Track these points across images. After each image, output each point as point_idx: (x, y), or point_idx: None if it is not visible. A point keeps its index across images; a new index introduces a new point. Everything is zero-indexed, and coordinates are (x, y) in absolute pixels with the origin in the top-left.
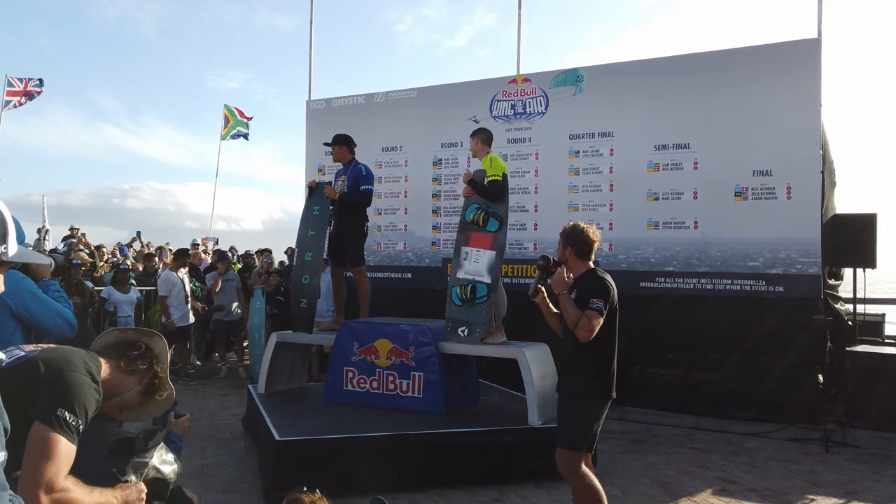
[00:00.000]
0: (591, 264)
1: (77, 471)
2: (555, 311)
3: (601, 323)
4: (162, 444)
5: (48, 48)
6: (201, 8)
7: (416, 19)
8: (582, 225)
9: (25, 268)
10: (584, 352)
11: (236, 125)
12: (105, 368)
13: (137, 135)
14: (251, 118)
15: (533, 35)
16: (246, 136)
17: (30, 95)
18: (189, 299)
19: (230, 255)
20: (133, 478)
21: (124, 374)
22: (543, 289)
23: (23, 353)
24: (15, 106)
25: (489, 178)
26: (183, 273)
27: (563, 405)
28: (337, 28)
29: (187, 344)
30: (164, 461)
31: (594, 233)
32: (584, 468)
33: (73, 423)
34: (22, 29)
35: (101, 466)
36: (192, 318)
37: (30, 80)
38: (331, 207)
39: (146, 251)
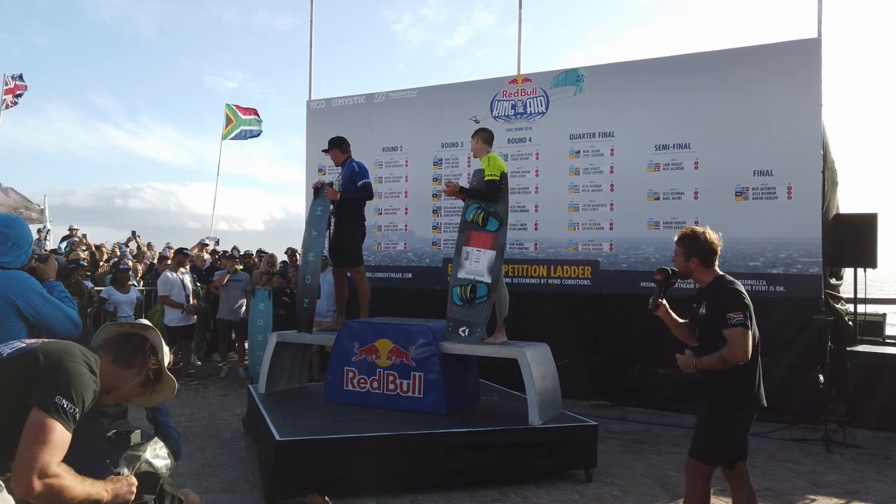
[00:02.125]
0: (718, 270)
1: (75, 461)
2: (679, 321)
3: (749, 335)
4: (156, 438)
5: (46, 48)
6: (199, 8)
7: (415, 19)
8: (700, 230)
9: (32, 269)
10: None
11: (240, 124)
12: (103, 363)
13: (137, 135)
14: (257, 114)
15: (532, 35)
16: (257, 134)
17: (19, 94)
18: (190, 299)
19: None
20: (125, 470)
21: (122, 369)
22: (664, 302)
23: (23, 345)
24: (7, 105)
25: (486, 178)
26: (183, 273)
27: (701, 415)
28: (335, 27)
29: (189, 344)
30: (157, 455)
31: (715, 235)
32: (705, 483)
33: (70, 411)
34: (20, 29)
35: (99, 457)
36: (193, 318)
37: (13, 76)
38: (331, 208)
39: (147, 252)
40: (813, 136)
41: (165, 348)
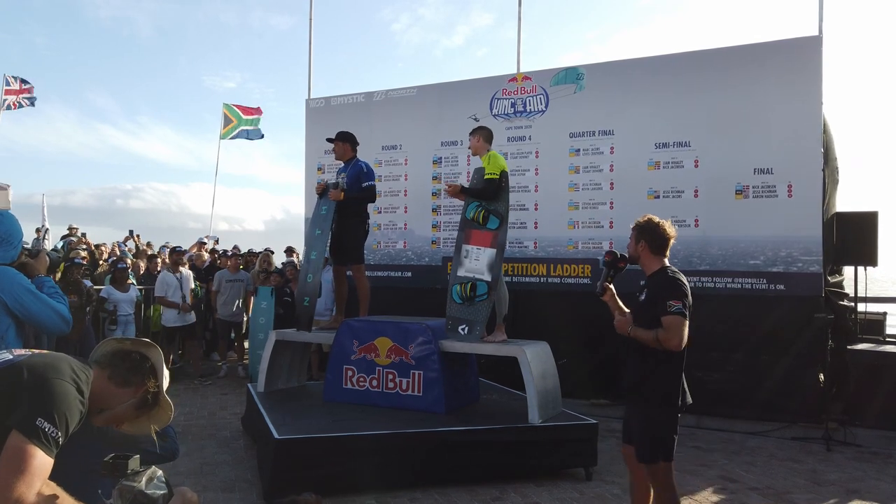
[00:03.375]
0: (666, 262)
1: (65, 480)
2: (624, 309)
3: (686, 325)
4: (154, 467)
5: (44, 48)
6: (197, 8)
7: (413, 19)
8: (657, 218)
9: (22, 265)
10: (651, 356)
11: (241, 124)
12: (98, 379)
13: (135, 135)
14: (259, 110)
15: (530, 35)
16: (259, 135)
17: (26, 98)
18: (188, 298)
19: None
20: (119, 502)
21: (117, 387)
22: (612, 286)
23: (10, 357)
24: (10, 107)
25: (486, 177)
26: (182, 272)
27: (640, 415)
28: (333, 27)
29: (195, 343)
30: (153, 485)
31: (671, 227)
32: (669, 478)
33: (53, 435)
34: (17, 29)
35: (90, 481)
36: (192, 317)
37: (17, 78)
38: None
39: (148, 251)
40: (813, 134)
41: (166, 371)
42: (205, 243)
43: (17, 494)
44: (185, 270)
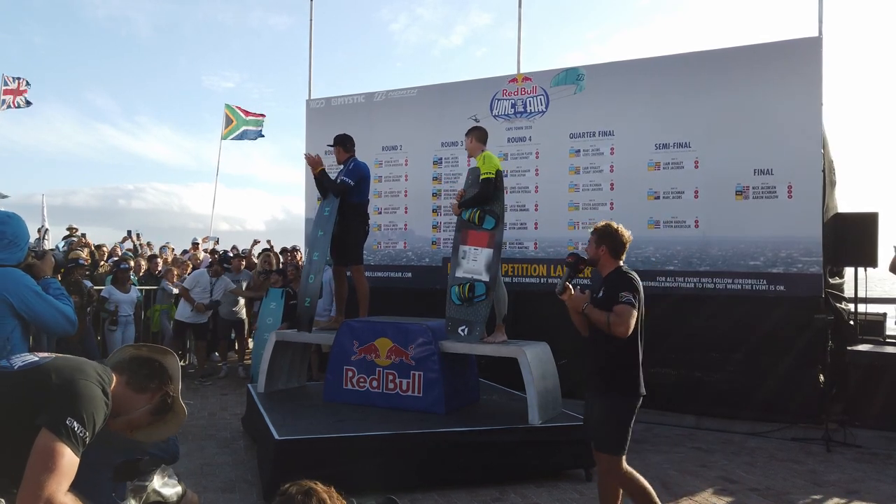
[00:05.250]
0: (621, 263)
1: (77, 486)
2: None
3: (635, 315)
4: (164, 465)
5: (43, 48)
6: (195, 7)
7: (411, 18)
8: (615, 224)
9: (28, 266)
10: (611, 350)
11: (242, 124)
12: (116, 385)
13: (134, 135)
14: (263, 115)
15: (530, 35)
16: (260, 135)
17: (24, 98)
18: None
19: (230, 254)
20: (132, 502)
21: (134, 392)
22: (571, 287)
23: (35, 359)
24: (9, 106)
25: (482, 177)
26: (223, 278)
27: (598, 406)
28: (331, 27)
29: (200, 343)
30: (165, 484)
31: (627, 232)
32: (629, 468)
33: (81, 434)
34: (15, 28)
35: (105, 488)
36: (204, 318)
37: (17, 78)
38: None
39: (149, 251)
40: (813, 135)
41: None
42: (198, 243)
43: (48, 492)
44: (225, 278)
